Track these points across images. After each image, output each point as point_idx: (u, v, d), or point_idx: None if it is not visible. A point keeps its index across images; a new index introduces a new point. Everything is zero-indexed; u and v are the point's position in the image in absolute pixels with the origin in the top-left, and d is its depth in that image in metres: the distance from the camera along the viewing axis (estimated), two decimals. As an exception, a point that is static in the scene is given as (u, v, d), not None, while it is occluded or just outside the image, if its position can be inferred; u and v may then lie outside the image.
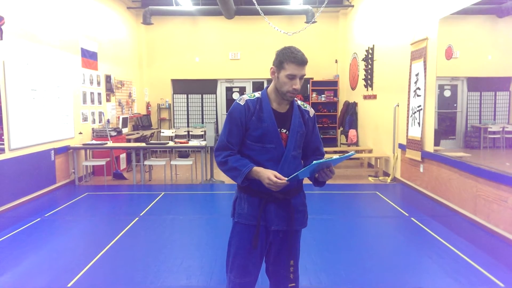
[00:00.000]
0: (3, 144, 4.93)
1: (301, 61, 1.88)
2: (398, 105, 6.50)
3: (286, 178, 1.83)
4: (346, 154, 1.83)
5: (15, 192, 5.19)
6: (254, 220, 1.98)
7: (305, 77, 1.99)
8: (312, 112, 2.12)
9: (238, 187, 2.04)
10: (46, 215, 4.85)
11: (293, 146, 1.97)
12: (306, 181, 2.03)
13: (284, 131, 1.98)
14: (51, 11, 6.06)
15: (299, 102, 2.10)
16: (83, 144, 6.69)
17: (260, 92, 2.04)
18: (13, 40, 5.14)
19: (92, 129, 7.35)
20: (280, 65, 1.91)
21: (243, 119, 1.95)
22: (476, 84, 5.11)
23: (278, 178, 1.83)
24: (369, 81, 8.08)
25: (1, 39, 4.90)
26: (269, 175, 1.83)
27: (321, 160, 1.78)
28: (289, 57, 1.87)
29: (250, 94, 2.03)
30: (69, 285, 3.03)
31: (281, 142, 1.95)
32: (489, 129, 4.79)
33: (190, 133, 10.23)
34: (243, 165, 1.93)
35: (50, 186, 6.02)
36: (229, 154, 1.99)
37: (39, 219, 4.68)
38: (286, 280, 2.05)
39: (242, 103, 1.98)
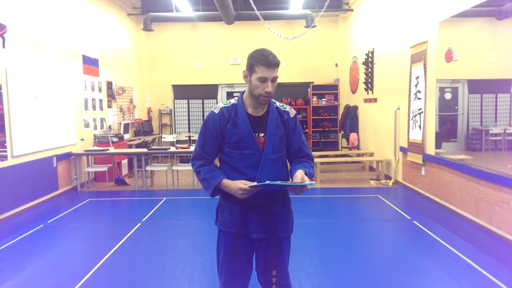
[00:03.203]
0: (5, 151, 4.95)
1: (272, 63, 1.83)
2: (398, 108, 6.51)
3: (252, 184, 1.78)
4: (305, 183, 1.77)
5: (18, 199, 5.20)
6: (234, 227, 1.94)
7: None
8: (292, 112, 2.05)
9: (220, 194, 2.00)
10: (48, 221, 4.86)
11: (271, 149, 1.92)
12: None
13: (262, 135, 1.93)
14: (52, 18, 6.10)
15: (277, 103, 2.05)
16: (85, 151, 6.70)
17: (236, 98, 2.01)
18: (15, 48, 5.17)
19: (94, 135, 7.38)
20: (251, 68, 1.87)
21: (217, 127, 1.93)
22: (477, 86, 5.12)
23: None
24: (369, 85, 8.10)
25: (4, 47, 4.93)
26: (239, 186, 1.80)
27: (273, 182, 1.74)
28: (259, 60, 1.83)
29: (226, 101, 2.00)
30: (72, 291, 3.04)
31: (258, 147, 1.90)
32: (490, 131, 4.78)
33: (191, 138, 10.25)
34: (213, 177, 1.91)
35: (53, 192, 6.03)
36: (202, 163, 1.97)
37: (41, 225, 4.69)
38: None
39: (217, 111, 1.95)
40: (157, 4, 9.56)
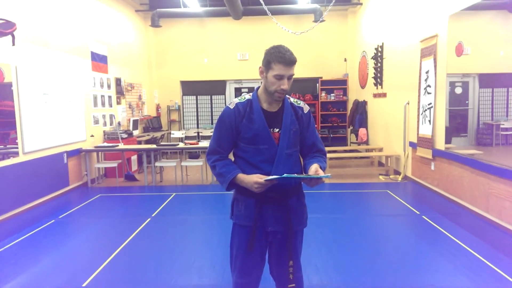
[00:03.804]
0: (17, 148, 5.02)
1: (289, 61, 1.84)
2: (408, 103, 6.46)
3: (268, 178, 1.81)
4: (323, 175, 1.80)
5: (30, 195, 5.28)
6: (250, 221, 1.98)
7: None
8: (306, 108, 2.09)
9: (235, 188, 2.03)
10: (60, 216, 4.92)
11: (286, 144, 1.95)
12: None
13: (277, 130, 1.96)
14: (61, 16, 6.15)
15: (292, 99, 2.07)
16: (95, 147, 6.77)
17: (251, 93, 2.03)
18: (24, 45, 5.23)
19: (104, 131, 7.44)
20: (268, 65, 1.88)
21: (233, 123, 1.95)
22: (488, 80, 5.05)
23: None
24: (378, 79, 8.03)
25: (14, 44, 4.99)
26: (255, 180, 1.83)
27: (291, 175, 1.79)
28: (277, 57, 1.83)
29: (241, 97, 2.02)
30: (83, 285, 3.08)
31: (273, 142, 1.93)
32: (501, 126, 4.72)
33: (200, 134, 10.29)
34: (229, 171, 1.93)
35: (64, 188, 6.11)
36: (218, 158, 2.00)
37: (53, 220, 4.76)
38: (288, 280, 2.04)
39: (232, 106, 1.97)
40: (164, 0, 9.57)
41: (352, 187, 6.33)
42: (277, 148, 1.93)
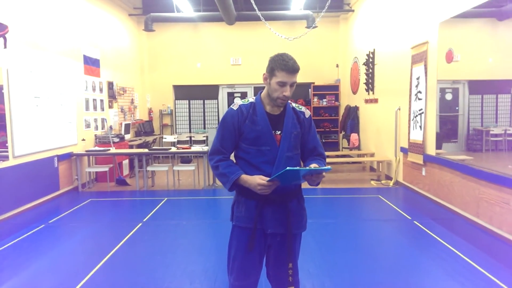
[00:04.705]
0: (7, 152, 4.97)
1: (292, 69, 1.90)
2: (399, 109, 6.52)
3: (268, 178, 1.85)
4: (323, 168, 1.86)
5: (19, 199, 5.21)
6: (251, 223, 2.00)
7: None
8: (308, 113, 2.14)
9: (236, 190, 2.06)
10: (50, 221, 4.87)
11: (287, 147, 1.99)
12: (305, 185, 2.05)
13: (278, 132, 2.00)
14: (54, 19, 6.12)
15: (293, 104, 2.12)
16: (86, 151, 6.72)
17: (254, 97, 2.08)
18: (16, 48, 5.19)
19: (95, 135, 7.39)
20: (272, 72, 1.93)
21: (236, 123, 1.99)
22: (478, 87, 5.12)
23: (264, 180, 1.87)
24: (370, 85, 8.11)
25: (5, 47, 4.95)
26: (258, 182, 1.86)
27: (294, 168, 1.80)
28: (280, 65, 1.89)
29: (244, 100, 2.07)
30: (73, 290, 3.05)
31: (275, 143, 1.97)
32: (491, 132, 4.79)
33: (192, 138, 10.26)
34: (232, 172, 1.96)
35: (54, 192, 6.05)
36: (221, 158, 2.03)
37: (43, 225, 4.70)
38: (286, 283, 2.05)
39: (235, 108, 2.02)
40: (158, 5, 9.57)
41: (344, 192, 6.36)
42: (278, 150, 1.97)
